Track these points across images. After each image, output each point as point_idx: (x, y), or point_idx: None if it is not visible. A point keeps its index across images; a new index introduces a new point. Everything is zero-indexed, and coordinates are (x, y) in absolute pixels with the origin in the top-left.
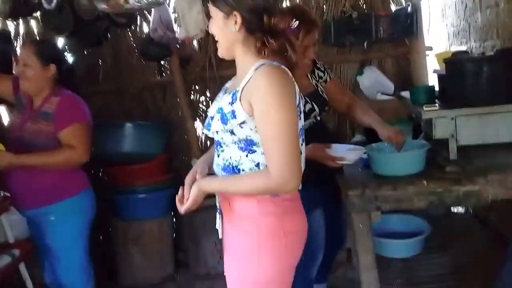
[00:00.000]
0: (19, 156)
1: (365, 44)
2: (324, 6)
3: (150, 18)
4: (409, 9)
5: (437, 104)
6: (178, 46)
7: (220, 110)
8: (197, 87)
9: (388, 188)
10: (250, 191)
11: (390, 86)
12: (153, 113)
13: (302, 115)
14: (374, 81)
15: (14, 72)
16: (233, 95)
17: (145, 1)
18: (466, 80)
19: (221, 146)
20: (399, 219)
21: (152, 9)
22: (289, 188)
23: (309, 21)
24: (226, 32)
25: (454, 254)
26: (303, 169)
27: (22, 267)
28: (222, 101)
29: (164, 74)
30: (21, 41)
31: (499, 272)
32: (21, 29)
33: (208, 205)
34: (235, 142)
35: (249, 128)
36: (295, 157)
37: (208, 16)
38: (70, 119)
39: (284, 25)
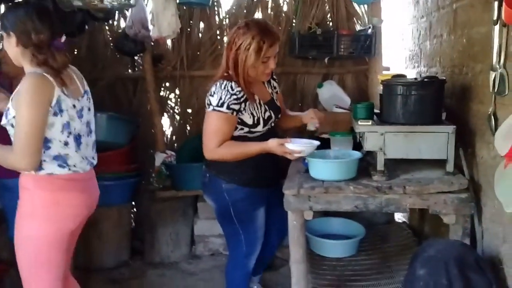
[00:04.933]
0: None
1: (326, 59)
2: (294, 20)
3: (127, 15)
4: (369, 30)
5: (371, 120)
6: (152, 44)
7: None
8: (167, 84)
9: (320, 191)
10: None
11: (347, 100)
12: (123, 106)
13: (65, 112)
14: (332, 94)
15: None
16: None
17: (117, 2)
18: (396, 101)
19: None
20: (338, 222)
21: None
22: (20, 167)
23: (273, 35)
24: (10, 48)
25: (384, 257)
26: (65, 152)
27: None
28: None
29: (136, 69)
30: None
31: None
32: None
33: (165, 197)
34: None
35: None
36: (27, 145)
37: (182, 19)
38: None
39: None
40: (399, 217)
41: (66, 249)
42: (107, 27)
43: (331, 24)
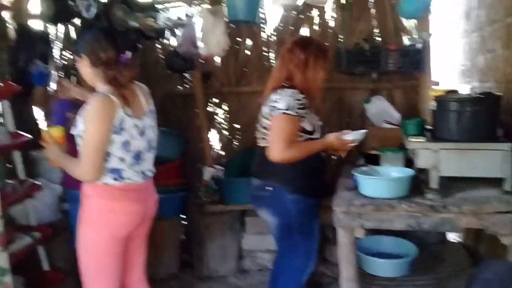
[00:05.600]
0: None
1: (374, 74)
2: (340, 36)
3: (178, 34)
4: (419, 45)
5: (424, 137)
6: (201, 61)
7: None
8: (215, 100)
9: (372, 208)
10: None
11: (396, 116)
12: (172, 121)
13: (126, 131)
14: (380, 109)
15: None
16: None
17: (171, 23)
18: (449, 117)
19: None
20: (390, 241)
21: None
22: (85, 178)
23: (325, 50)
24: (84, 70)
25: (437, 278)
26: (121, 167)
27: (41, 249)
28: None
29: (186, 85)
30: (60, 44)
31: None
32: (60, 33)
33: (213, 211)
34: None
35: None
36: (90, 160)
37: (230, 36)
38: None
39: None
40: (453, 236)
41: (118, 256)
42: (158, 46)
43: (378, 39)
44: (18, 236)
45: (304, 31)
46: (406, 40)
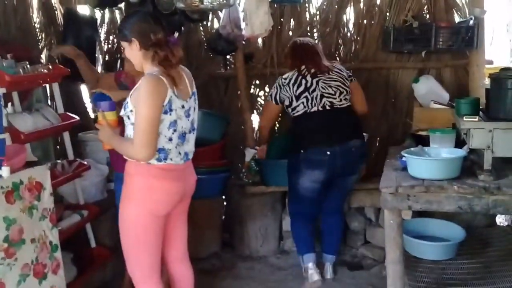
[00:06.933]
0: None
1: (423, 53)
2: (387, 13)
3: (221, 15)
4: (471, 22)
5: (477, 116)
6: (243, 43)
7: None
8: (257, 82)
9: (421, 189)
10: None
11: (445, 96)
12: (214, 104)
13: (174, 112)
14: (429, 89)
15: (96, 55)
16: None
17: (217, 3)
18: (506, 96)
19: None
20: (436, 224)
21: None
22: (139, 157)
23: None
24: (134, 53)
25: (485, 262)
26: (168, 147)
27: (88, 227)
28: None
29: (228, 68)
30: (105, 28)
31: None
32: (106, 18)
33: (254, 192)
34: (131, 124)
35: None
36: (144, 139)
37: (273, 16)
38: None
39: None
40: (500, 220)
41: (158, 232)
42: (201, 28)
43: (427, 16)
44: (67, 214)
45: (350, 10)
46: (457, 17)
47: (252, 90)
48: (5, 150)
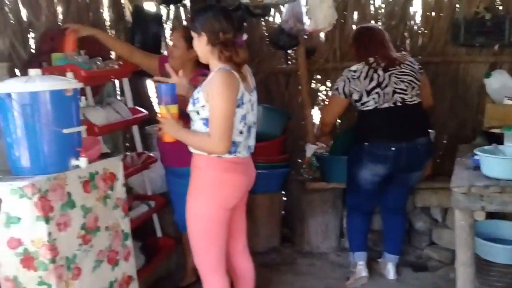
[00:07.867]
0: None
1: (496, 46)
2: (457, 5)
3: (283, 10)
4: None
5: None
6: (305, 37)
7: (194, 97)
8: (318, 77)
9: (496, 190)
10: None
11: None
12: (275, 99)
13: (245, 105)
14: (502, 84)
15: (161, 51)
16: (200, 87)
17: None
18: None
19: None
20: (509, 226)
21: None
22: (217, 150)
23: None
24: (201, 46)
25: None
26: (238, 140)
27: (155, 217)
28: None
29: (289, 62)
30: (170, 24)
31: None
32: (171, 14)
33: (315, 188)
34: (200, 119)
35: (208, 110)
36: (222, 132)
37: (336, 10)
38: None
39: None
40: None
41: (226, 225)
42: (263, 23)
43: (501, 7)
44: (136, 204)
45: (417, 2)
46: None
47: (313, 85)
48: (81, 142)
